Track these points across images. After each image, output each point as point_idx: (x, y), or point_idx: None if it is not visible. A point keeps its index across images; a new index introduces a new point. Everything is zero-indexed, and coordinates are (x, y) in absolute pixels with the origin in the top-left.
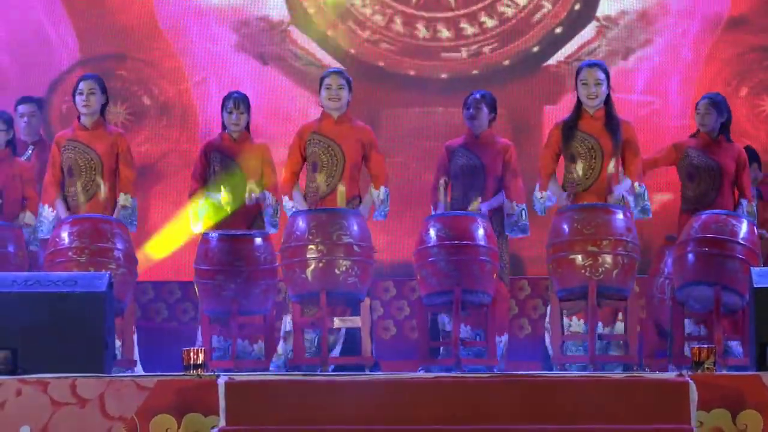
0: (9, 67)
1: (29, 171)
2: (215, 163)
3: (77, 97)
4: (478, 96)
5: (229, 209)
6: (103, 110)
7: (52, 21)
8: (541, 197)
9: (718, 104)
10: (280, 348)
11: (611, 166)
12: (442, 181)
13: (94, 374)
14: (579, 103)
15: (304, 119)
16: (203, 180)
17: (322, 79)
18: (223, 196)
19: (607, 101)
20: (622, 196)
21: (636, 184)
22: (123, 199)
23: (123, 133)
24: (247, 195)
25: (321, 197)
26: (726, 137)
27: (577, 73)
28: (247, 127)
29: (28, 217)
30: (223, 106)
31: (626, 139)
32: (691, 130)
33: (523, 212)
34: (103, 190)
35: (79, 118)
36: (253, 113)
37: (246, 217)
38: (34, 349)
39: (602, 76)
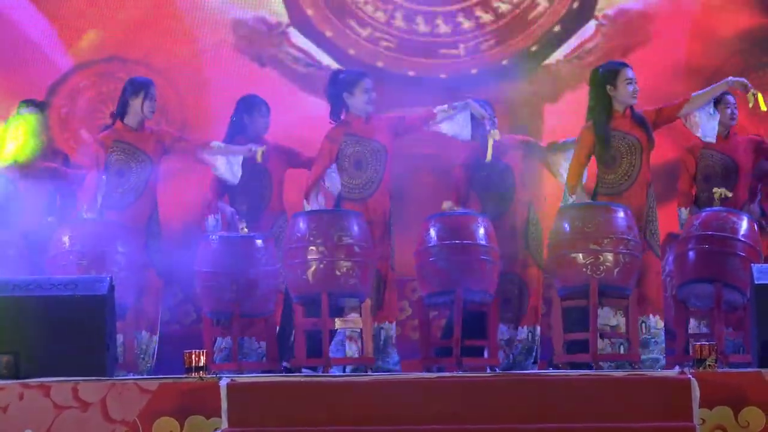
0: (9, 68)
1: None
2: (245, 171)
3: (146, 102)
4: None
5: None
6: None
7: (51, 22)
8: (573, 202)
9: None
10: None
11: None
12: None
13: (96, 378)
14: (608, 104)
15: (302, 122)
16: (221, 190)
17: (355, 81)
18: (242, 228)
19: None
20: None
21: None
22: (215, 144)
23: (158, 128)
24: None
25: None
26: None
27: (615, 73)
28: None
29: None
30: (250, 109)
31: (653, 120)
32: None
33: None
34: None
35: (121, 119)
36: None
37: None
38: (36, 353)
39: None
